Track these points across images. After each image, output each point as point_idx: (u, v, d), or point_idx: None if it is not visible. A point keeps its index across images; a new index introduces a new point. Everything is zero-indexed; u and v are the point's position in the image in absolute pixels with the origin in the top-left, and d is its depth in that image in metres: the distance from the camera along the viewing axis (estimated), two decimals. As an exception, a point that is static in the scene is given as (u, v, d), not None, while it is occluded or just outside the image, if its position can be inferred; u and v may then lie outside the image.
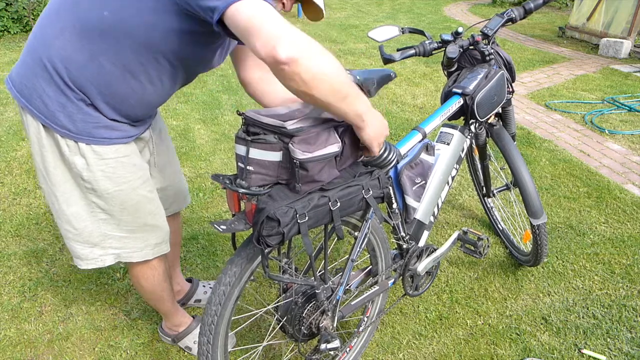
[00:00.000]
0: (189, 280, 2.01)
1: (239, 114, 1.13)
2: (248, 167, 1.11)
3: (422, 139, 1.61)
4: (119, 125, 1.26)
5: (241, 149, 1.14)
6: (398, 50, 1.68)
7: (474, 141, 1.99)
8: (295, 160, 1.09)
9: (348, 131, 1.18)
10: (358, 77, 1.23)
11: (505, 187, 2.24)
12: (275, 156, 1.11)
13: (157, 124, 1.54)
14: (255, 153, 1.11)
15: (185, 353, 1.75)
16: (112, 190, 1.29)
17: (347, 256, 1.42)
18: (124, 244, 1.40)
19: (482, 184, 2.25)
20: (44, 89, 1.16)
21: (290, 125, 1.08)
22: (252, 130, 1.12)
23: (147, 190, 1.38)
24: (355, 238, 1.42)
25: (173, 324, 1.74)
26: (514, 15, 1.77)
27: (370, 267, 1.60)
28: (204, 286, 2.01)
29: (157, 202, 1.44)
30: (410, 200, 1.60)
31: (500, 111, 1.92)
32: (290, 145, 1.08)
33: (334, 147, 1.14)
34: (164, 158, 1.58)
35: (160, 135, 1.55)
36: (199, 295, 1.98)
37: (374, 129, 1.16)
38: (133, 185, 1.33)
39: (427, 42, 1.71)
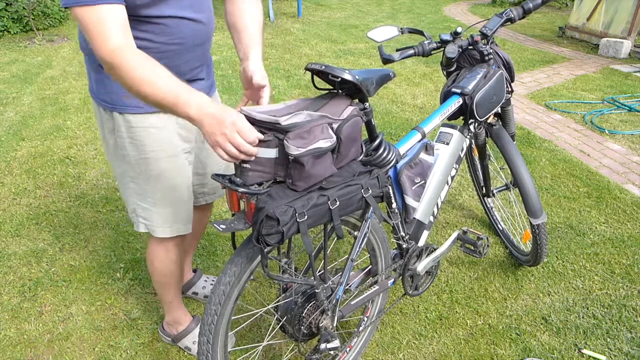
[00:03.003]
0: (195, 270, 2.03)
1: None
2: (244, 165, 1.11)
3: (422, 139, 1.61)
4: None
5: None
6: (397, 50, 1.68)
7: (473, 141, 1.99)
8: (290, 156, 1.09)
9: (344, 128, 1.19)
10: (357, 77, 1.23)
11: (505, 187, 2.24)
12: (271, 153, 1.11)
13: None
14: None
15: (185, 353, 1.75)
16: (137, 157, 1.38)
17: (347, 256, 1.43)
18: (149, 215, 1.48)
19: (482, 184, 2.25)
20: (89, 70, 1.35)
21: (284, 121, 1.08)
22: None
23: (174, 165, 1.42)
24: (355, 238, 1.42)
25: (173, 319, 1.75)
26: (512, 15, 1.77)
27: (370, 266, 1.60)
28: (205, 280, 2.02)
29: (185, 182, 1.47)
30: (409, 200, 1.60)
31: (500, 111, 1.92)
32: (284, 141, 1.08)
33: (327, 142, 1.14)
34: None
35: None
36: (197, 288, 1.99)
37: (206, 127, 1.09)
38: (158, 155, 1.38)
39: (426, 42, 1.71)
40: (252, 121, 1.11)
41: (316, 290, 1.35)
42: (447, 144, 1.72)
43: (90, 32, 1.08)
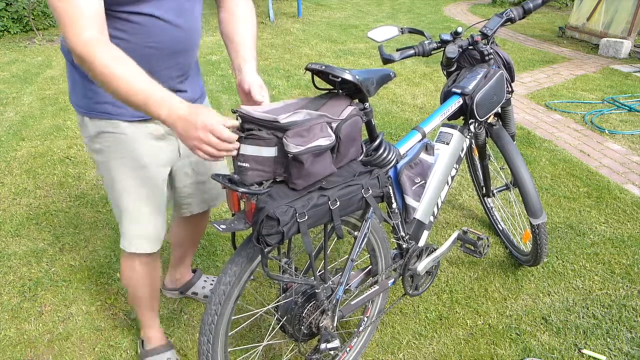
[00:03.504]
0: (194, 271, 2.02)
1: (233, 112, 1.13)
2: (244, 164, 1.11)
3: (422, 139, 1.61)
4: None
5: None
6: (397, 50, 1.68)
7: (473, 141, 1.99)
8: (289, 154, 1.09)
9: (343, 127, 1.19)
10: (357, 77, 1.23)
11: (505, 187, 2.24)
12: (270, 151, 1.11)
13: None
14: (250, 149, 1.11)
15: (185, 353, 1.75)
16: (106, 164, 1.36)
17: (347, 256, 1.43)
18: (121, 226, 1.44)
19: (482, 184, 2.25)
20: (68, 75, 1.33)
21: (283, 119, 1.08)
22: (246, 127, 1.12)
23: (142, 177, 1.36)
24: (355, 238, 1.42)
25: (145, 334, 1.70)
26: (513, 15, 1.77)
27: (370, 266, 1.60)
28: (205, 280, 2.02)
29: (154, 197, 1.41)
30: (409, 200, 1.60)
31: (500, 111, 1.92)
32: (284, 139, 1.08)
33: (326, 141, 1.14)
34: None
35: None
36: (197, 288, 1.99)
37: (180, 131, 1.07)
38: (125, 165, 1.34)
39: (426, 42, 1.71)
40: (252, 120, 1.11)
41: (316, 290, 1.35)
42: (447, 144, 1.72)
43: (63, 21, 1.04)
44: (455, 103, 1.68)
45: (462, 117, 1.76)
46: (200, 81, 1.51)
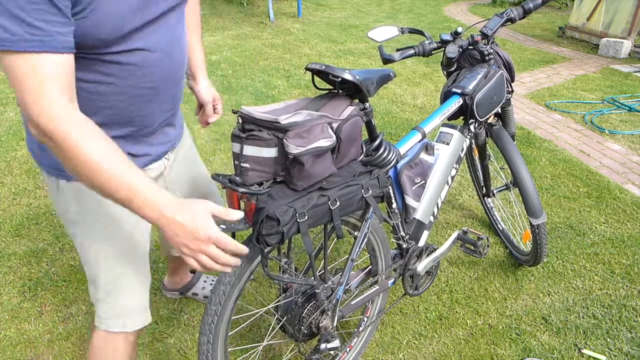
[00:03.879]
0: (193, 272, 2.01)
1: (234, 112, 1.13)
2: (244, 165, 1.11)
3: (422, 139, 1.61)
4: None
5: (237, 147, 1.14)
6: (398, 50, 1.68)
7: (473, 141, 1.99)
8: (289, 155, 1.09)
9: (344, 128, 1.19)
10: (358, 77, 1.23)
11: (505, 187, 2.24)
12: (271, 152, 1.11)
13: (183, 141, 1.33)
14: (250, 150, 1.11)
15: (185, 353, 1.75)
16: (83, 233, 1.14)
17: (347, 256, 1.43)
18: (100, 303, 1.20)
19: (482, 184, 2.25)
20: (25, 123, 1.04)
21: (284, 120, 1.08)
22: (247, 127, 1.12)
23: (129, 240, 1.17)
24: (355, 238, 1.42)
25: None
26: (513, 15, 1.77)
27: (370, 266, 1.60)
28: (205, 280, 2.01)
29: (143, 254, 1.22)
30: (409, 200, 1.60)
31: (500, 111, 1.92)
32: (284, 140, 1.08)
33: (327, 141, 1.14)
34: (181, 167, 1.34)
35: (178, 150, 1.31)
36: (197, 288, 1.98)
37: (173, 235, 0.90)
38: (110, 228, 1.13)
39: (426, 42, 1.71)
40: (252, 120, 1.11)
41: (316, 290, 1.35)
42: (448, 144, 1.72)
43: (24, 89, 0.80)
44: (455, 103, 1.68)
45: (462, 117, 1.76)
46: (181, 113, 1.33)
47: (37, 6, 0.76)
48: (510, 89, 1.83)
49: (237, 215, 0.95)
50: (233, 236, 1.30)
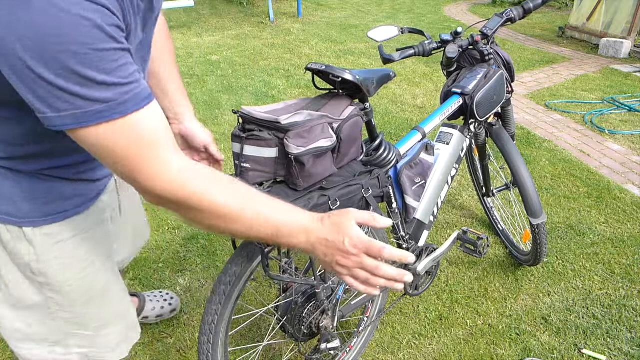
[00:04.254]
0: (134, 294, 1.78)
1: (235, 113, 1.14)
2: (244, 165, 1.11)
3: (422, 139, 1.61)
4: (78, 186, 0.90)
5: (237, 147, 1.14)
6: (397, 50, 1.68)
7: (473, 141, 1.99)
8: (290, 156, 1.09)
9: (344, 128, 1.19)
10: (358, 77, 1.23)
11: (504, 187, 2.24)
12: (271, 152, 1.11)
13: None
14: (251, 150, 1.11)
15: (185, 354, 1.75)
16: (74, 280, 0.94)
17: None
18: (93, 342, 1.03)
19: (482, 184, 2.25)
20: None
21: (284, 120, 1.08)
22: (247, 128, 1.12)
23: (112, 267, 1.04)
24: (355, 238, 1.42)
25: None
26: (513, 15, 1.77)
27: (370, 266, 1.60)
28: (151, 300, 1.84)
29: (121, 278, 1.11)
30: (410, 200, 1.60)
31: (500, 111, 1.92)
32: (285, 140, 1.08)
33: (328, 142, 1.14)
34: (129, 197, 1.20)
35: None
36: (147, 312, 1.82)
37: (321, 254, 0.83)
38: (97, 266, 0.98)
39: (426, 42, 1.71)
40: (253, 120, 1.11)
41: (316, 290, 1.35)
42: (448, 143, 1.72)
43: (127, 157, 0.68)
44: (455, 103, 1.68)
45: (462, 117, 1.76)
46: None
47: (119, 62, 0.64)
48: (510, 89, 1.83)
49: (386, 222, 0.84)
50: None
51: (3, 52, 0.59)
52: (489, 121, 1.91)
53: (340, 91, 1.27)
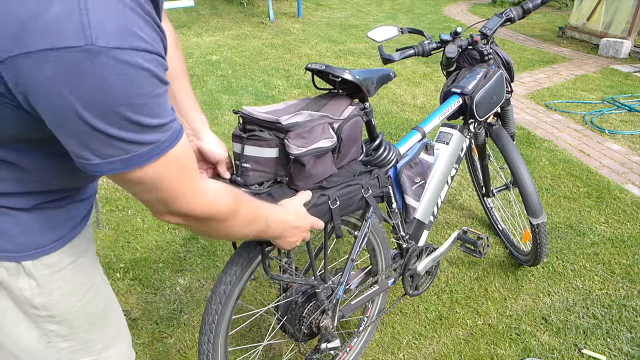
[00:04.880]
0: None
1: (235, 113, 1.14)
2: (245, 165, 1.11)
3: (422, 139, 1.61)
4: (70, 209, 0.86)
5: (237, 147, 1.14)
6: (397, 50, 1.68)
7: (473, 141, 1.99)
8: (290, 156, 1.09)
9: (344, 128, 1.19)
10: (358, 77, 1.23)
11: (504, 187, 2.24)
12: (271, 152, 1.11)
13: None
14: (251, 150, 1.11)
15: (185, 354, 1.75)
16: (77, 306, 0.91)
17: (347, 256, 1.43)
18: None
19: (482, 184, 2.25)
20: None
21: (285, 121, 1.08)
22: (248, 128, 1.12)
23: (105, 283, 1.00)
24: (355, 237, 1.42)
25: None
26: (512, 15, 1.77)
27: (370, 266, 1.60)
28: None
29: (112, 292, 1.05)
30: (409, 200, 1.60)
31: (500, 111, 1.93)
32: (285, 140, 1.09)
33: (328, 142, 1.14)
34: None
35: None
36: None
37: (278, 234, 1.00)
38: (96, 288, 0.95)
39: (426, 42, 1.71)
40: (253, 120, 1.11)
41: (316, 290, 1.35)
42: (447, 143, 1.72)
43: (169, 189, 0.70)
44: (455, 103, 1.68)
45: (461, 117, 1.77)
46: None
47: (164, 102, 0.65)
48: (509, 89, 1.83)
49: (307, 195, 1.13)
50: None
51: (57, 103, 0.56)
52: (488, 121, 1.91)
53: (340, 91, 1.28)
